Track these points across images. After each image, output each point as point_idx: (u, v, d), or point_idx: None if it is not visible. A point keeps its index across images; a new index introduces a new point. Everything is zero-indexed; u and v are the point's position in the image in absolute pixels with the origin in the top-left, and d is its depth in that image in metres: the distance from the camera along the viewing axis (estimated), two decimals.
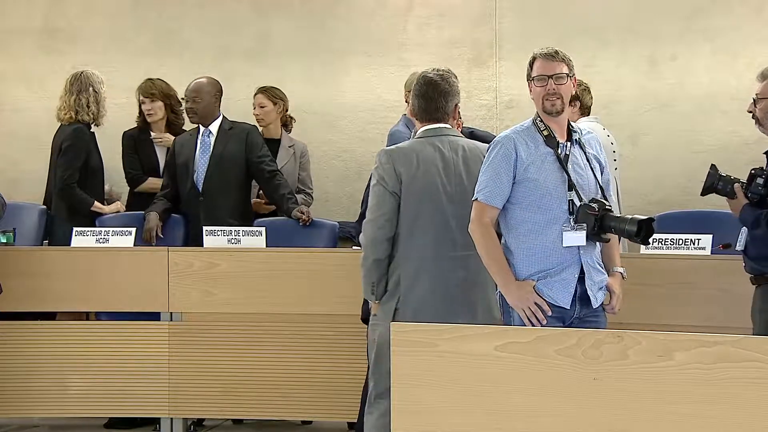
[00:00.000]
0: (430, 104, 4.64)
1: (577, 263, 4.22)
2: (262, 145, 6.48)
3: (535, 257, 4.22)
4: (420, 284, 4.54)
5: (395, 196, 4.56)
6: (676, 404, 3.13)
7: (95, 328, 6.04)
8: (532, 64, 4.34)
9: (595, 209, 4.20)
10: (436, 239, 4.55)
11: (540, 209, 4.22)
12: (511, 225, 4.28)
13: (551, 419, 3.26)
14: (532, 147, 4.26)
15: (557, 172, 4.25)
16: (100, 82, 6.58)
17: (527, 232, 4.23)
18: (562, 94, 4.30)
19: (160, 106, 6.79)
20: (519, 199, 4.25)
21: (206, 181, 6.36)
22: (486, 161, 4.30)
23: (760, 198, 4.48)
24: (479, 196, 4.27)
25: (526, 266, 4.22)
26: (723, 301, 5.07)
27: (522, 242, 4.24)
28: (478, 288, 4.55)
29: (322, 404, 5.71)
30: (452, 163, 4.58)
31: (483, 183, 4.28)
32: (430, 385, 3.38)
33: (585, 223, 4.19)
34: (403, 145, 4.67)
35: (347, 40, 7.63)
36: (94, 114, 6.53)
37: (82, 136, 6.46)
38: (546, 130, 4.28)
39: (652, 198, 7.06)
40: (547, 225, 4.21)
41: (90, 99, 6.51)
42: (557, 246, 4.20)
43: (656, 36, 7.24)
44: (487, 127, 6.83)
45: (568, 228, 4.20)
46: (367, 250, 4.60)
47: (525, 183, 4.23)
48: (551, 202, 4.22)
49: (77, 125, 6.47)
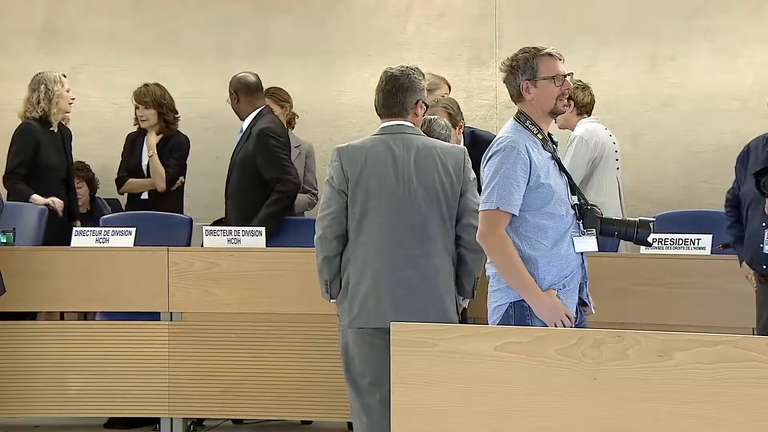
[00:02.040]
0: (389, 99, 4.62)
1: (580, 270, 4.14)
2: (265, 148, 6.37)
3: (555, 266, 4.05)
4: (365, 282, 4.53)
5: (342, 194, 4.55)
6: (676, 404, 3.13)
7: (95, 328, 6.04)
8: (537, 63, 4.13)
9: (599, 212, 4.14)
10: (381, 238, 4.52)
11: (553, 216, 4.06)
12: (524, 233, 4.05)
13: (551, 419, 3.26)
14: (536, 151, 4.09)
15: (558, 176, 4.13)
16: (55, 81, 6.64)
17: (546, 240, 4.05)
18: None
19: (152, 113, 6.83)
20: (532, 206, 4.03)
21: (228, 183, 6.45)
22: (494, 167, 4.04)
23: None
24: (495, 205, 4.01)
25: (548, 276, 4.03)
26: (723, 301, 5.07)
27: (542, 251, 4.03)
28: (427, 289, 4.51)
29: (322, 404, 5.71)
30: (402, 162, 4.54)
31: (495, 190, 4.00)
32: (430, 385, 3.37)
33: (593, 228, 4.10)
34: (356, 143, 4.65)
35: (347, 40, 7.63)
36: (45, 111, 6.61)
37: (26, 133, 6.60)
38: (540, 134, 4.13)
39: (652, 198, 7.06)
40: (562, 231, 4.07)
41: (40, 96, 6.61)
42: (570, 253, 4.08)
43: (656, 36, 7.24)
44: (487, 127, 6.82)
45: (577, 233, 4.10)
46: (317, 248, 4.62)
47: (539, 189, 4.03)
48: (561, 207, 4.08)
49: (25, 122, 6.62)
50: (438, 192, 4.53)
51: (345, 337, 4.62)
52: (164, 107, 6.84)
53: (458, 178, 4.55)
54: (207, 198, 7.41)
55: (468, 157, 4.62)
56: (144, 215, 6.59)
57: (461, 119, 5.65)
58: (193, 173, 7.30)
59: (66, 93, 6.71)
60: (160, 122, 6.85)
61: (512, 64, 4.19)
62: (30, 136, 6.59)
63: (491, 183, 4.03)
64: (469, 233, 4.52)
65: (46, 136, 6.63)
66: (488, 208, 4.04)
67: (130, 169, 6.91)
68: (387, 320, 3.93)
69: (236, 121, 6.94)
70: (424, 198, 4.52)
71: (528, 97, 4.15)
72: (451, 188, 4.54)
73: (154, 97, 6.82)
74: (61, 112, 6.71)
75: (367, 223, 4.53)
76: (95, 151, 7.62)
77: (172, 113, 6.87)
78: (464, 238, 4.56)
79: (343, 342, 4.65)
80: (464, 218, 4.56)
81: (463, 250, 4.58)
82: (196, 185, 7.41)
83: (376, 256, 4.52)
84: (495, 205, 4.01)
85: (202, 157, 7.49)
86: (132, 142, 6.96)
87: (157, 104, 6.82)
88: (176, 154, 6.88)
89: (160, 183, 6.81)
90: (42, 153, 6.60)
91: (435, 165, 4.53)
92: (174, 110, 6.87)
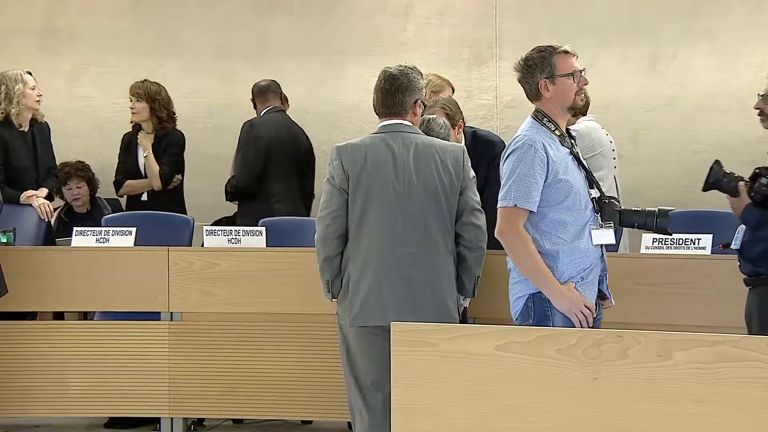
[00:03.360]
0: (387, 99, 4.62)
1: (599, 262, 4.21)
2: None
3: (576, 260, 4.12)
4: (366, 280, 4.52)
5: (343, 192, 4.55)
6: (676, 404, 3.13)
7: (95, 328, 6.04)
8: (555, 61, 4.20)
9: (617, 205, 4.20)
10: (382, 236, 4.52)
11: (572, 210, 4.13)
12: (544, 229, 4.12)
13: (551, 419, 3.26)
14: (554, 147, 4.16)
15: (577, 171, 4.20)
16: (16, 80, 6.58)
17: (566, 235, 4.12)
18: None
19: (143, 107, 6.80)
20: (551, 202, 4.11)
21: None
22: (511, 165, 4.13)
23: (764, 198, 4.45)
24: (513, 202, 4.09)
25: (568, 270, 4.11)
26: (723, 301, 5.06)
27: (562, 245, 4.11)
28: (428, 287, 4.51)
29: (322, 404, 5.71)
30: (402, 161, 4.54)
31: (513, 187, 4.10)
32: (430, 385, 3.37)
33: (611, 221, 4.17)
34: (355, 142, 4.65)
35: (347, 40, 7.64)
36: (5, 111, 6.55)
37: None
38: (558, 130, 4.21)
39: (652, 198, 7.04)
40: (581, 225, 4.14)
41: (0, 97, 6.55)
42: (589, 246, 4.15)
43: (656, 36, 7.25)
44: (487, 127, 6.82)
45: (595, 226, 4.16)
46: (318, 248, 4.62)
47: (557, 185, 4.11)
48: (580, 201, 4.15)
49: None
50: (438, 190, 4.53)
51: (346, 336, 4.62)
52: (157, 103, 6.79)
53: (458, 176, 4.55)
54: (207, 198, 7.41)
55: (467, 156, 4.62)
56: (145, 215, 6.58)
57: (460, 119, 5.64)
58: (194, 173, 7.30)
59: (30, 91, 6.61)
60: (152, 118, 6.82)
61: (529, 63, 4.25)
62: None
63: (509, 180, 4.12)
64: (469, 231, 4.53)
65: (13, 137, 6.58)
66: (506, 205, 4.12)
67: (128, 170, 6.91)
68: (388, 318, 3.94)
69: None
70: (424, 196, 4.52)
71: (547, 95, 4.22)
72: (450, 186, 4.54)
73: (147, 92, 6.79)
74: (28, 110, 6.62)
75: (367, 221, 4.53)
76: (95, 151, 7.63)
77: (166, 111, 6.83)
78: (464, 236, 4.57)
79: (343, 341, 4.64)
80: (464, 216, 4.57)
81: (463, 249, 4.58)
82: (196, 185, 7.41)
83: (377, 255, 4.52)
84: (513, 202, 4.10)
85: (202, 157, 7.50)
86: (127, 143, 6.94)
87: (149, 99, 6.78)
88: (171, 150, 6.85)
89: (155, 181, 6.80)
90: (11, 155, 6.55)
91: (434, 163, 4.53)
92: (169, 109, 6.83)
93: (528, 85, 4.27)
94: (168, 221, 6.54)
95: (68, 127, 7.60)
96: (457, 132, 5.53)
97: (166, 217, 6.64)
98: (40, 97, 6.71)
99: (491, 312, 5.16)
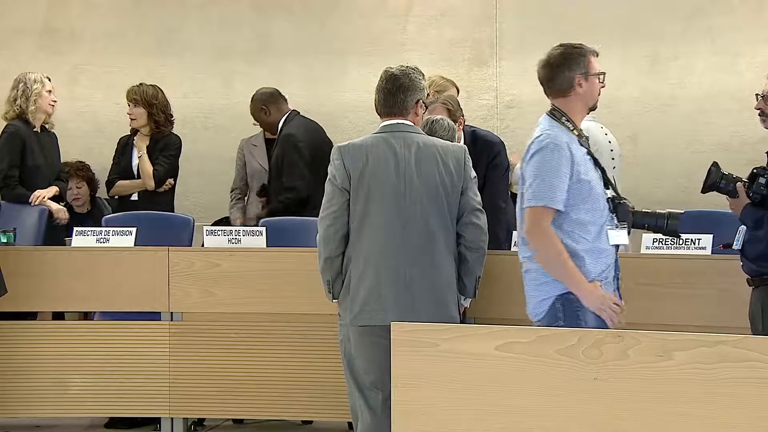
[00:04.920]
0: (389, 99, 4.61)
1: (614, 262, 4.22)
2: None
3: (600, 259, 4.13)
4: (366, 280, 4.52)
5: (345, 192, 4.54)
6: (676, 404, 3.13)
7: (95, 328, 6.04)
8: (588, 60, 4.24)
9: (631, 206, 4.21)
10: (383, 236, 4.51)
11: (592, 211, 4.14)
12: (567, 229, 4.11)
13: (551, 419, 3.26)
14: (575, 147, 4.16)
15: (594, 171, 4.20)
16: (35, 81, 6.61)
17: (588, 235, 4.12)
18: None
19: (141, 112, 6.77)
20: (574, 201, 4.10)
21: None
22: (537, 164, 4.12)
23: (762, 198, 4.46)
24: (540, 202, 4.08)
25: (594, 269, 4.11)
26: (723, 301, 5.06)
27: (585, 245, 4.10)
28: (429, 287, 4.51)
29: (322, 404, 5.71)
30: (404, 161, 4.53)
31: (540, 187, 4.08)
32: (430, 385, 3.38)
33: (626, 221, 4.18)
34: (356, 141, 4.65)
35: (347, 40, 7.64)
36: (22, 108, 6.57)
37: (12, 136, 6.54)
38: (576, 129, 4.21)
39: (652, 198, 7.04)
40: (600, 225, 4.15)
41: (18, 93, 6.58)
42: (608, 246, 4.17)
43: (657, 36, 7.25)
44: (487, 127, 6.81)
45: (611, 226, 4.17)
46: (319, 248, 4.61)
47: (580, 185, 4.11)
48: (599, 202, 4.16)
49: (9, 124, 6.59)
50: (439, 190, 4.52)
51: (347, 335, 4.62)
52: (155, 108, 6.75)
53: (459, 176, 4.55)
54: (207, 198, 7.41)
55: (468, 156, 4.62)
56: (146, 215, 6.57)
57: (461, 116, 5.65)
58: (193, 173, 7.30)
59: (46, 93, 6.65)
60: (150, 123, 6.78)
61: (566, 58, 4.24)
62: (15, 139, 6.54)
63: (535, 180, 4.11)
64: (470, 232, 4.53)
65: (30, 136, 6.60)
66: (533, 205, 4.11)
67: (121, 171, 6.87)
68: (389, 318, 3.94)
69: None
70: (426, 196, 4.51)
71: (580, 90, 4.24)
72: (452, 186, 4.54)
73: (144, 97, 6.74)
74: (41, 112, 6.64)
75: (368, 221, 4.53)
76: (95, 151, 7.63)
77: (164, 115, 6.79)
78: (465, 236, 4.57)
79: (344, 341, 4.64)
80: (465, 216, 4.56)
81: (464, 249, 4.58)
82: (196, 185, 7.41)
83: (378, 255, 4.52)
84: (539, 202, 4.09)
85: (202, 157, 7.50)
86: (123, 145, 6.92)
87: (146, 104, 6.74)
88: (166, 152, 6.81)
89: (148, 181, 6.77)
90: (27, 154, 6.57)
91: (436, 163, 4.53)
92: (166, 112, 6.80)
93: (559, 78, 4.23)
94: (168, 221, 6.54)
95: (68, 127, 7.59)
96: (458, 128, 5.54)
97: (166, 217, 6.64)
98: (54, 103, 6.74)
99: (491, 312, 5.17)
